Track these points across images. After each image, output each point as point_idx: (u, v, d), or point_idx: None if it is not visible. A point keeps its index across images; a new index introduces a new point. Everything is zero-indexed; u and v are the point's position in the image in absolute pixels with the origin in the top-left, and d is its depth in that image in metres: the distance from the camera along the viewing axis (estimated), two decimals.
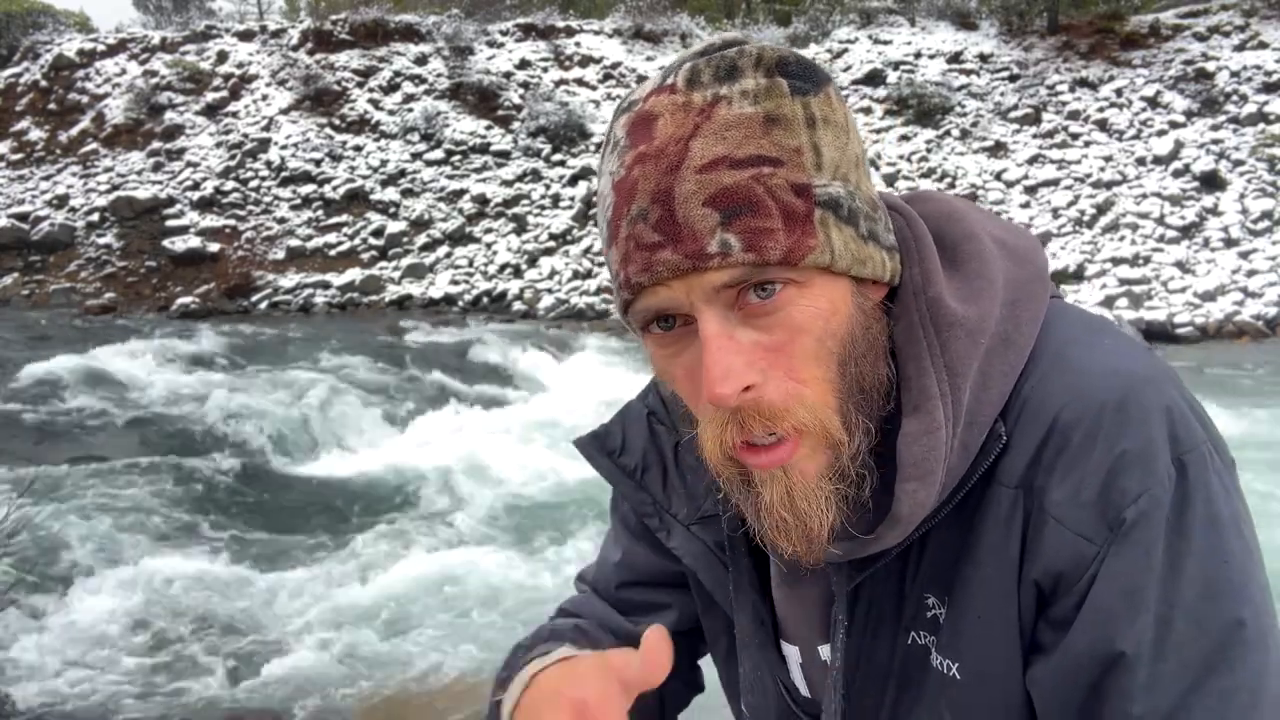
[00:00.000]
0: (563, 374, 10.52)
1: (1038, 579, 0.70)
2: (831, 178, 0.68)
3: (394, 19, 19.32)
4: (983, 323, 0.72)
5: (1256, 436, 7.56)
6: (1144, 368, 0.71)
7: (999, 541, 0.71)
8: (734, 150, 0.65)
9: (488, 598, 5.55)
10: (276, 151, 17.01)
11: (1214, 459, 0.69)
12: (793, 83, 0.68)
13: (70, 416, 8.65)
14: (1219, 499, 0.68)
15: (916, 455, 0.69)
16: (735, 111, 0.66)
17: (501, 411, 9.37)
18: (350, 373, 10.19)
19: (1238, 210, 14.07)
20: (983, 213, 0.81)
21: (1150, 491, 0.66)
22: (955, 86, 17.21)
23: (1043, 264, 0.78)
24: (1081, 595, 0.68)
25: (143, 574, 5.72)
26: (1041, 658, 0.71)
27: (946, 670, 0.75)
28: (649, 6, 20.06)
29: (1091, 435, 0.67)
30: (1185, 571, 0.66)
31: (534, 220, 16.13)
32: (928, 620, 0.76)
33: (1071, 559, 0.68)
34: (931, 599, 0.75)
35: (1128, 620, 0.66)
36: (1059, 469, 0.68)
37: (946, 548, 0.74)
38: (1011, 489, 0.70)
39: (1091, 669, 0.68)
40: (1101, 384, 0.69)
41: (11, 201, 16.46)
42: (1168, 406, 0.68)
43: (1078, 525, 0.67)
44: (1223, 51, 16.42)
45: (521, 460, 7.65)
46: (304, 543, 6.40)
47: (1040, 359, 0.72)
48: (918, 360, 0.72)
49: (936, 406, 0.70)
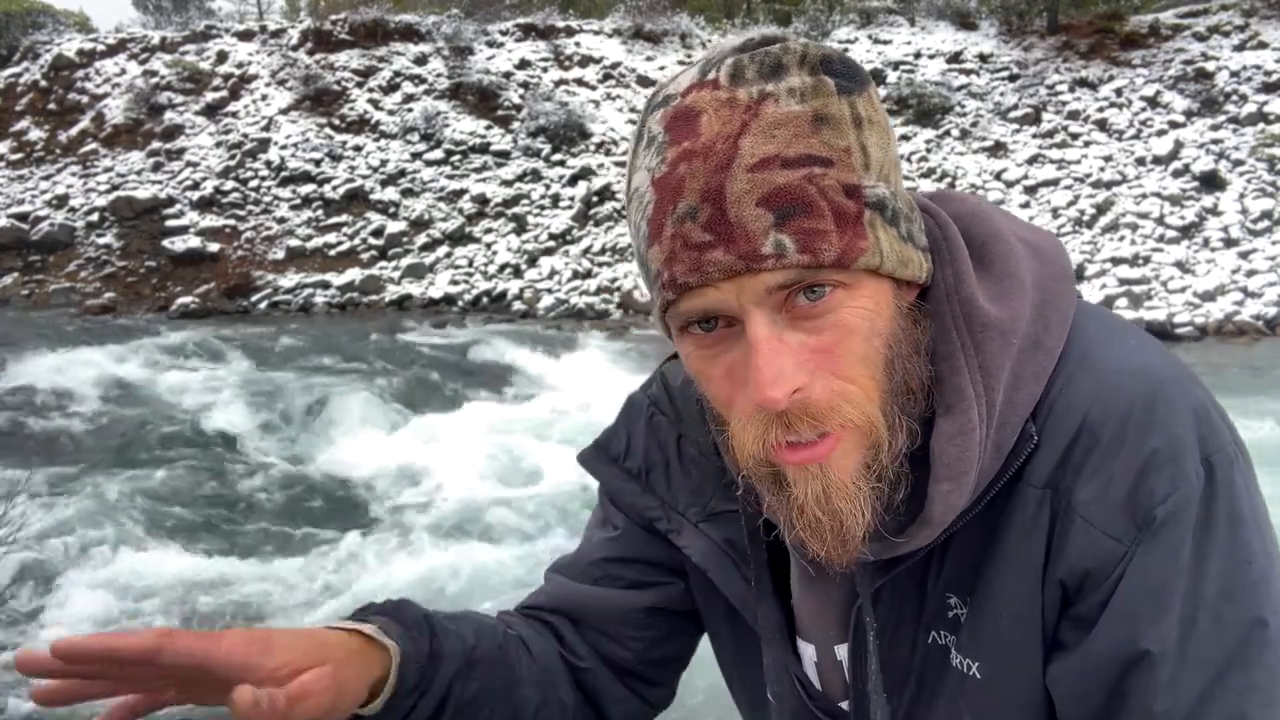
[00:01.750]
0: (562, 374, 10.52)
1: (1063, 578, 0.70)
2: (877, 178, 0.67)
3: (394, 19, 19.32)
4: (1015, 324, 0.72)
5: (1257, 436, 7.57)
6: (1169, 368, 0.71)
7: (1024, 541, 0.71)
8: (784, 149, 0.64)
9: (487, 597, 5.55)
10: (276, 151, 17.02)
11: (1239, 459, 0.69)
12: (838, 81, 0.67)
13: (69, 416, 8.65)
14: (1243, 499, 0.68)
15: (951, 456, 0.69)
16: (784, 109, 0.65)
17: (501, 411, 9.37)
18: (349, 373, 10.19)
19: (1237, 210, 14.07)
20: (1005, 213, 0.81)
21: (1179, 491, 0.66)
22: (955, 86, 17.21)
23: (1067, 264, 0.78)
24: (1107, 594, 0.68)
25: (141, 573, 5.72)
26: (1063, 656, 0.71)
27: (966, 670, 0.75)
28: (649, 6, 20.05)
29: (1120, 434, 0.68)
30: (1210, 571, 0.67)
31: (534, 220, 16.13)
32: (949, 620, 0.76)
33: (1099, 558, 0.68)
34: (953, 599, 0.75)
35: (1152, 620, 0.67)
36: (1087, 469, 0.68)
37: (970, 548, 0.74)
38: (1039, 489, 0.70)
39: (1114, 667, 0.68)
40: (1129, 384, 0.69)
41: (11, 201, 16.46)
42: (1194, 407, 0.69)
43: (1106, 525, 0.67)
44: (1222, 51, 16.42)
45: (521, 460, 7.65)
46: (303, 542, 6.40)
47: (1068, 360, 0.72)
48: (952, 361, 0.71)
49: (971, 407, 0.70)
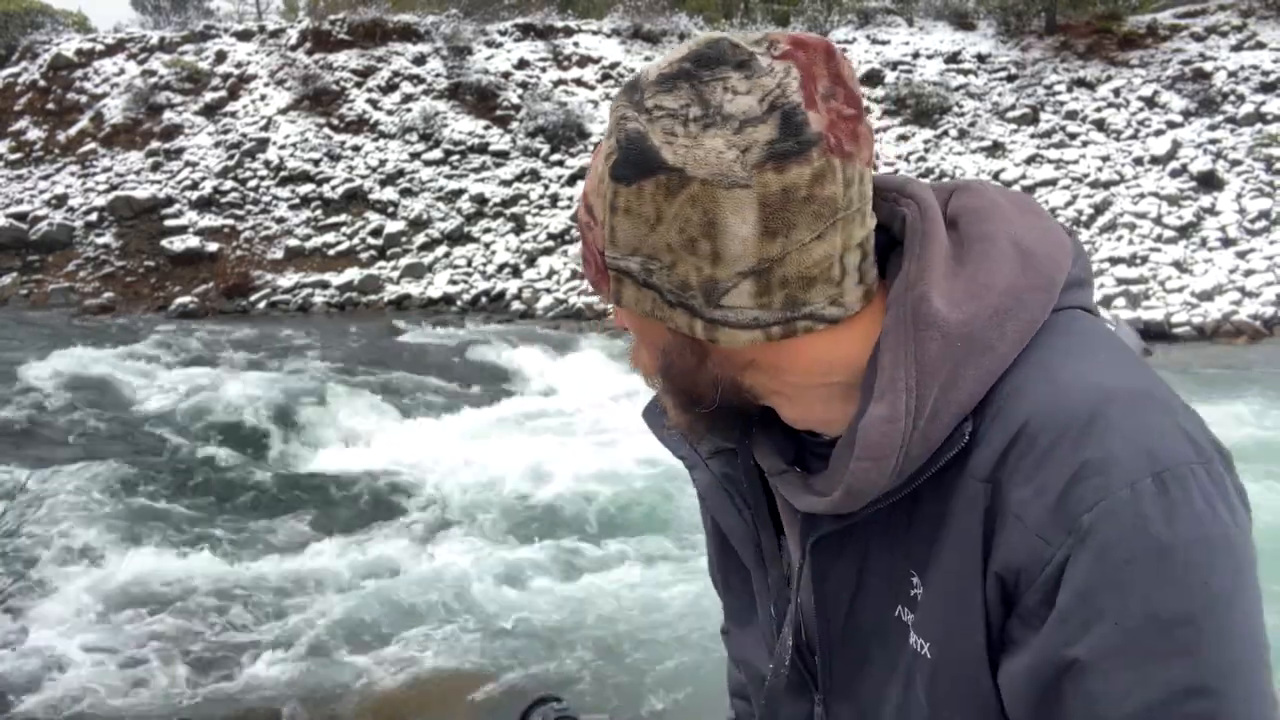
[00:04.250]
0: (561, 373, 10.53)
1: (1000, 572, 0.72)
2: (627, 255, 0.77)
3: (392, 19, 19.32)
4: (963, 327, 0.74)
5: (1254, 437, 7.58)
6: (1131, 387, 0.72)
7: (966, 530, 0.74)
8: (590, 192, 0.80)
9: (486, 597, 5.56)
10: (275, 151, 17.01)
11: (1204, 476, 0.68)
12: (616, 169, 0.75)
13: (68, 416, 8.65)
14: (1202, 518, 0.67)
15: (873, 438, 0.75)
16: (599, 165, 0.78)
17: (499, 411, 9.37)
18: (348, 372, 10.19)
19: (1235, 210, 14.09)
20: (1020, 213, 0.82)
21: (1106, 502, 0.67)
22: (953, 86, 17.23)
23: (1057, 275, 0.78)
24: (1041, 595, 0.70)
25: (139, 573, 5.72)
26: (1009, 655, 0.73)
27: (920, 648, 0.79)
28: (647, 6, 20.06)
29: (1056, 444, 0.70)
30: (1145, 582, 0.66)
31: (532, 220, 16.14)
32: (909, 598, 0.80)
33: (1031, 557, 0.70)
34: (915, 578, 0.79)
35: (1083, 627, 0.68)
36: (1023, 470, 0.71)
37: (926, 528, 0.78)
38: (980, 482, 0.73)
39: (1050, 671, 0.70)
40: (1077, 398, 0.71)
41: (10, 201, 16.45)
42: (1145, 425, 0.69)
43: (1037, 526, 0.69)
44: (1220, 51, 16.45)
45: (520, 459, 7.65)
46: (301, 542, 6.40)
47: (1025, 366, 0.74)
48: (894, 352, 0.75)
49: (900, 399, 0.74)
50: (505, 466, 7.52)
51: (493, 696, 4.58)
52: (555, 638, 5.12)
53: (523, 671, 4.78)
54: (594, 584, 5.73)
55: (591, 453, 7.78)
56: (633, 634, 5.13)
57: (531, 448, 7.94)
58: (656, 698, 4.52)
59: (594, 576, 5.83)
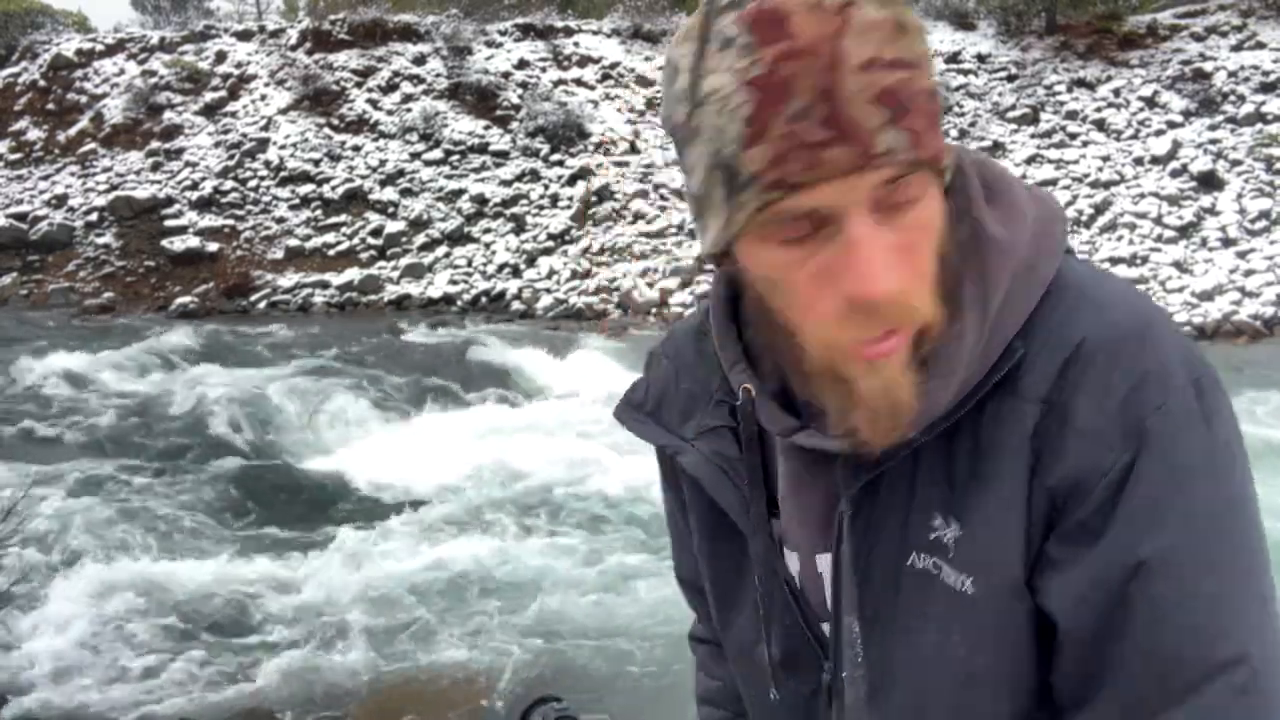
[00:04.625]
0: (561, 374, 10.53)
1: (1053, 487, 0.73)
2: None
3: (392, 19, 19.31)
4: (1014, 246, 0.78)
5: (1254, 436, 7.58)
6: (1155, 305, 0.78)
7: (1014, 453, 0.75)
8: (880, 52, 0.66)
9: (486, 596, 5.56)
10: (275, 151, 17.01)
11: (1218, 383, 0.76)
12: None
13: (68, 416, 8.66)
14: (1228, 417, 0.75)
15: (943, 356, 0.75)
16: (869, 16, 0.67)
17: (499, 411, 9.38)
18: (348, 372, 10.19)
19: (1235, 210, 14.08)
20: None
21: (1169, 402, 0.72)
22: (953, 86, 17.23)
23: (1061, 213, 0.84)
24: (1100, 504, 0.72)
25: (139, 573, 5.73)
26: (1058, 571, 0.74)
27: (960, 586, 0.77)
28: (647, 6, 20.05)
29: (1115, 356, 0.73)
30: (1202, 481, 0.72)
31: (532, 220, 16.14)
32: (930, 542, 0.79)
33: (1091, 467, 0.72)
34: (938, 519, 0.78)
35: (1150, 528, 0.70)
36: (1084, 385, 0.73)
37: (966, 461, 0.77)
38: (1034, 404, 0.74)
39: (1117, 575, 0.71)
40: (1126, 314, 0.75)
41: (10, 201, 16.45)
42: (1181, 340, 0.76)
43: (1099, 435, 0.72)
44: (1220, 51, 16.44)
45: (519, 459, 7.65)
46: (301, 542, 6.40)
47: (1065, 291, 0.78)
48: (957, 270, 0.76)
49: (967, 315, 0.75)
50: (505, 466, 7.53)
51: (493, 696, 4.58)
52: (555, 638, 5.12)
53: (523, 672, 4.78)
54: (594, 583, 5.73)
55: (591, 452, 7.79)
56: (634, 633, 5.13)
57: (531, 448, 7.94)
58: (657, 697, 4.52)
59: (594, 576, 5.83)
